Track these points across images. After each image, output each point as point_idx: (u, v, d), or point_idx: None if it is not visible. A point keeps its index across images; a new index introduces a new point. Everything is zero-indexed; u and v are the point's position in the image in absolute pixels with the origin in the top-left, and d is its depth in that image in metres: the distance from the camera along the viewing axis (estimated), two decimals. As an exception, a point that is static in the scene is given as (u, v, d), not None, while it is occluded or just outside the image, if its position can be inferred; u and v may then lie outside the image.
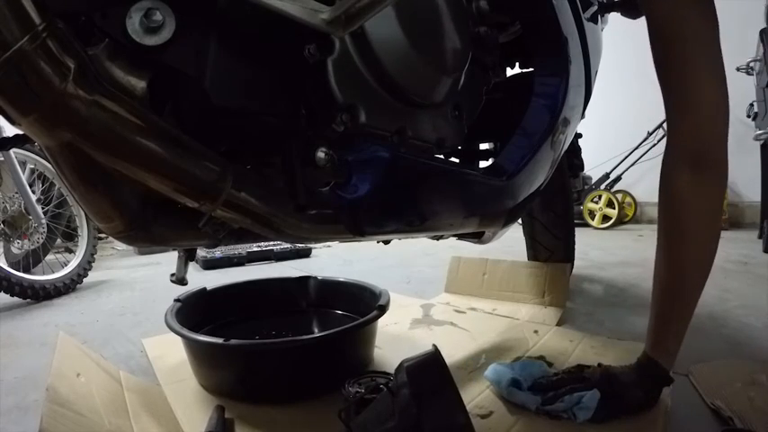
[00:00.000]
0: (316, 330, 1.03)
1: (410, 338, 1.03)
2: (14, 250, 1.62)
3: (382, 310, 0.83)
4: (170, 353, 0.93)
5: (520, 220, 1.44)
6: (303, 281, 1.07)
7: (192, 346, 0.79)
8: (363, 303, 0.92)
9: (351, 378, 0.65)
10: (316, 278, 1.08)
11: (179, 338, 0.77)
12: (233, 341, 0.70)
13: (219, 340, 0.71)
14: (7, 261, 1.58)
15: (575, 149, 1.42)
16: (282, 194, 0.51)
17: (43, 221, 1.63)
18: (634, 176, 3.47)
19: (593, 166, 3.27)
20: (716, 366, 0.79)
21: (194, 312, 0.90)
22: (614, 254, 2.18)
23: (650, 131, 3.33)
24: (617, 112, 3.39)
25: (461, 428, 0.46)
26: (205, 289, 0.98)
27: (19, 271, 1.52)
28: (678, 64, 0.63)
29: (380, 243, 0.80)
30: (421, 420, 0.45)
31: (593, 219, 3.37)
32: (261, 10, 0.39)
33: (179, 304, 0.88)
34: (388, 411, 0.48)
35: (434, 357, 0.52)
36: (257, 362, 0.75)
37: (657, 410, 0.67)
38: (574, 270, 1.51)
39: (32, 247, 1.63)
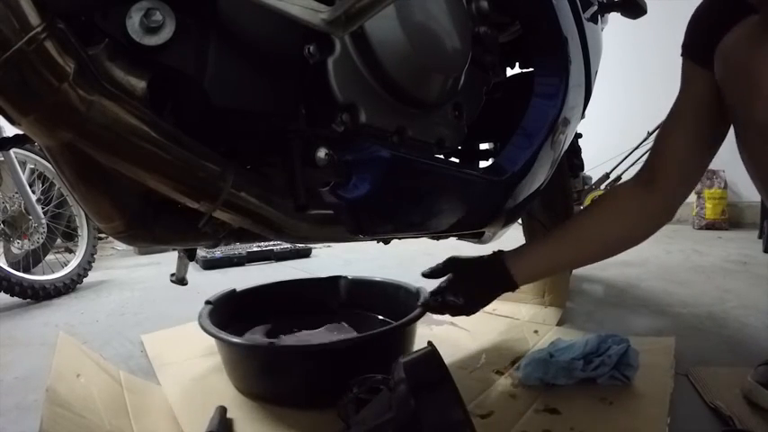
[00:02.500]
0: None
1: (410, 338, 1.03)
2: (14, 250, 1.62)
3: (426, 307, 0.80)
4: (170, 352, 0.93)
5: (520, 220, 1.44)
6: (333, 281, 1.06)
7: (235, 351, 0.75)
8: (397, 302, 0.91)
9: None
10: (346, 278, 1.06)
11: (178, 336, 0.77)
12: (279, 343, 0.68)
13: (266, 342, 0.69)
14: (7, 261, 1.58)
15: (575, 149, 1.42)
16: (282, 194, 0.51)
17: (43, 221, 1.63)
18: (634, 176, 3.46)
19: (594, 166, 3.27)
20: (715, 372, 0.78)
21: (224, 314, 0.88)
22: (614, 254, 2.17)
23: (650, 131, 3.33)
24: (617, 112, 3.39)
25: (460, 424, 0.46)
26: (234, 290, 0.97)
27: (19, 271, 1.52)
28: None
29: (380, 243, 0.80)
30: (418, 413, 0.45)
31: (593, 219, 3.36)
32: (261, 10, 0.39)
33: (210, 306, 0.86)
34: (386, 405, 0.48)
35: (431, 354, 0.52)
36: (306, 364, 0.72)
37: (661, 411, 0.67)
38: (574, 270, 1.51)
39: (32, 247, 1.63)
